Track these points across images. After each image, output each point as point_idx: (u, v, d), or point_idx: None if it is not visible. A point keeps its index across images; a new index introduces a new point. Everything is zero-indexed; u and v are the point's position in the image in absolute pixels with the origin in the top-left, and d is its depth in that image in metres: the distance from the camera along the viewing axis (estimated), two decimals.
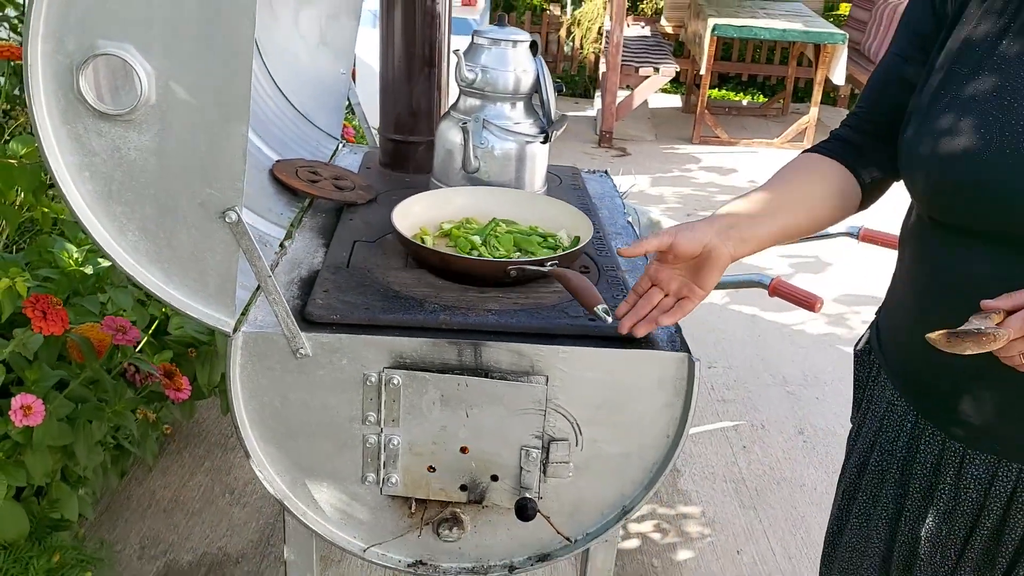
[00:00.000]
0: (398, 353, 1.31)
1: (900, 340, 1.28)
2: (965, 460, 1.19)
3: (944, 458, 1.22)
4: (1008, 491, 1.17)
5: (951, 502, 1.22)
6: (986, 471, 1.17)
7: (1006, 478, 1.16)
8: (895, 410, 1.29)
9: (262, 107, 1.96)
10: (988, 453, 1.17)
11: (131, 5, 1.10)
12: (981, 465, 1.18)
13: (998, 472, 1.17)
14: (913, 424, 1.26)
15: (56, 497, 1.75)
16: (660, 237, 1.19)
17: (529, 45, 1.73)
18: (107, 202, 1.20)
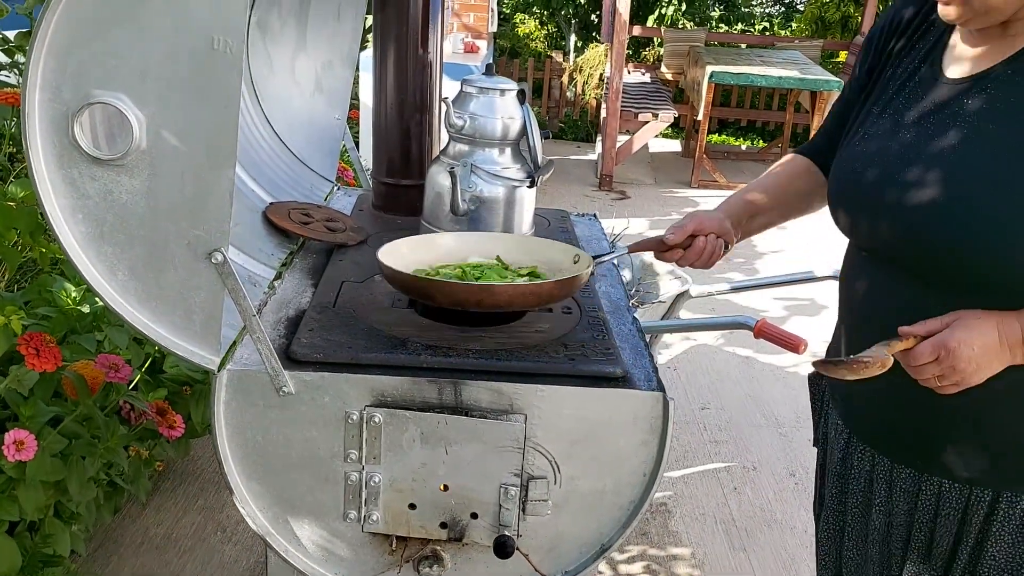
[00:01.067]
0: (379, 391, 1.34)
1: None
2: (893, 474, 1.28)
3: (876, 472, 1.31)
4: (933, 505, 1.25)
5: (888, 515, 1.30)
6: (912, 484, 1.26)
7: (929, 492, 1.25)
8: (836, 429, 1.39)
9: (258, 151, 2.01)
10: (911, 468, 1.26)
11: (126, 57, 1.15)
12: (908, 479, 1.27)
13: (921, 486, 1.25)
14: (846, 442, 1.36)
15: (49, 532, 1.77)
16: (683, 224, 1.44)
17: (516, 94, 1.79)
18: (98, 243, 1.24)
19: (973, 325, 1.09)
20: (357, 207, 2.12)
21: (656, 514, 2.82)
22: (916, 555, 1.28)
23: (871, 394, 1.28)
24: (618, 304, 1.69)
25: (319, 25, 2.17)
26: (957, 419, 1.20)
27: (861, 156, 1.26)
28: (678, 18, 9.57)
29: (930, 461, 1.25)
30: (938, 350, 1.09)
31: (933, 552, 1.27)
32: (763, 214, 1.51)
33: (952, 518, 1.25)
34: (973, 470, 1.22)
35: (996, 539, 1.23)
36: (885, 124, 1.25)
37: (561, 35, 10.11)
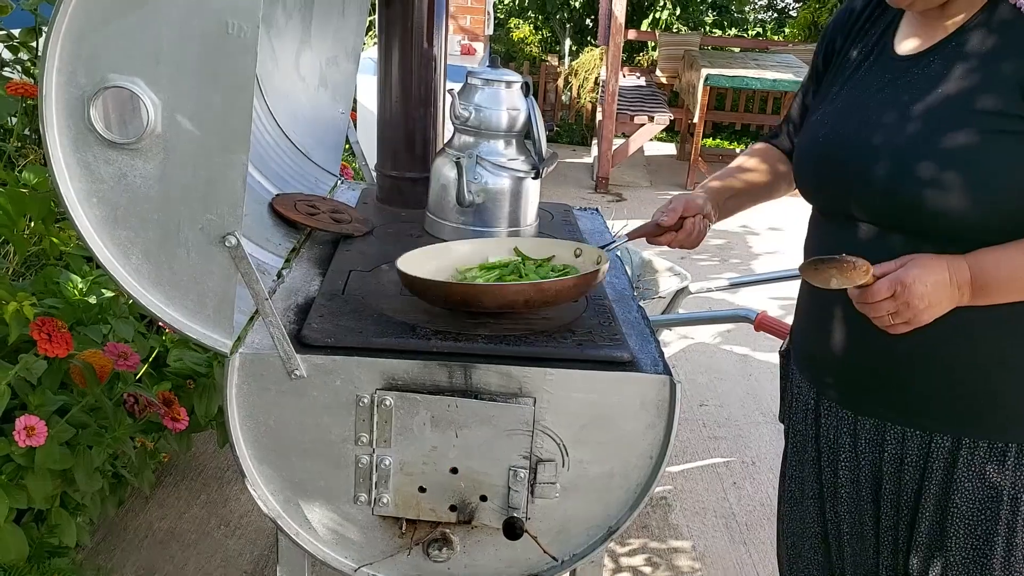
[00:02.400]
0: (390, 375, 1.35)
1: (799, 323, 1.52)
2: (857, 426, 1.37)
3: (840, 428, 1.40)
4: (898, 454, 1.33)
5: (855, 470, 1.39)
6: (876, 435, 1.35)
7: (894, 440, 1.33)
8: (802, 393, 1.48)
9: (263, 144, 2.03)
10: (873, 418, 1.35)
11: (140, 42, 1.17)
12: (871, 430, 1.35)
13: (885, 436, 1.34)
14: (816, 402, 1.45)
15: (55, 523, 1.78)
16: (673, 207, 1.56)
17: (521, 86, 1.81)
18: (112, 227, 1.25)
19: (926, 263, 1.19)
20: (361, 200, 2.14)
21: (656, 508, 2.83)
22: (887, 507, 1.37)
23: (833, 347, 1.38)
24: (623, 293, 1.71)
25: (324, 20, 2.18)
26: (914, 364, 1.29)
27: (822, 125, 1.39)
28: (672, 22, 9.62)
29: (890, 408, 1.34)
30: (894, 286, 1.18)
31: (901, 504, 1.35)
32: (736, 196, 1.63)
33: (916, 466, 1.33)
34: (931, 416, 1.31)
35: (959, 487, 1.30)
36: (844, 98, 1.38)
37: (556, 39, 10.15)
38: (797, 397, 1.51)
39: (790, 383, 1.58)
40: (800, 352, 1.52)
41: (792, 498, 1.55)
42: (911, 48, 1.34)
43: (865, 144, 1.30)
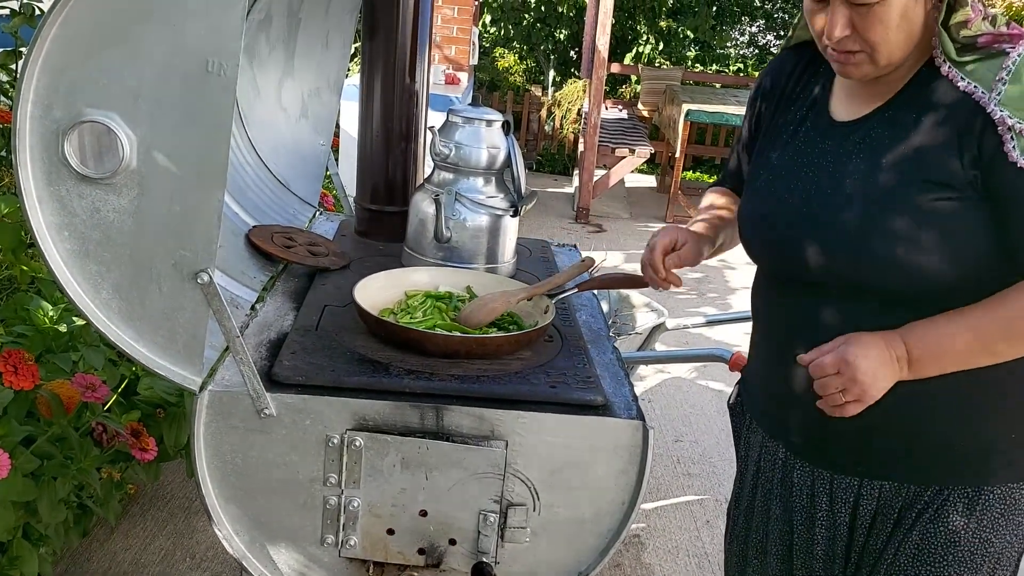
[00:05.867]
0: (361, 415, 1.34)
1: (755, 384, 1.53)
2: (834, 485, 1.37)
3: (816, 486, 1.40)
4: (872, 507, 1.35)
5: (831, 528, 1.39)
6: (853, 491, 1.36)
7: (869, 496, 1.35)
8: (768, 451, 1.48)
9: (242, 174, 2.02)
10: (852, 476, 1.35)
11: (119, 77, 1.16)
12: (848, 488, 1.36)
13: (862, 491, 1.35)
14: (784, 460, 1.45)
15: (17, 554, 1.74)
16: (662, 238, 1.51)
17: (501, 124, 1.82)
18: (83, 260, 1.24)
19: (863, 340, 1.22)
20: (339, 232, 2.13)
21: (629, 546, 2.82)
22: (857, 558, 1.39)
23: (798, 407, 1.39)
24: (599, 333, 1.71)
25: (307, 52, 2.19)
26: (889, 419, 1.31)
27: (768, 195, 1.40)
28: (655, 57, 9.73)
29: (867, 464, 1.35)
30: (838, 363, 1.20)
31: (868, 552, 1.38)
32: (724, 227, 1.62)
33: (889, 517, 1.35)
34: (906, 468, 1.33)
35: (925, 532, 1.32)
36: (786, 165, 1.39)
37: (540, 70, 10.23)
38: (763, 455, 1.50)
39: (748, 438, 1.56)
40: (761, 410, 1.52)
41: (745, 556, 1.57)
42: (849, 114, 1.34)
43: (811, 217, 1.31)
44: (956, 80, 1.22)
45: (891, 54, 1.23)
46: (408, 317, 1.57)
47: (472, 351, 1.46)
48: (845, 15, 1.22)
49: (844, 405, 1.22)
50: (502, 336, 1.50)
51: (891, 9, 1.19)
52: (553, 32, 9.77)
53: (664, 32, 9.78)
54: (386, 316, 1.54)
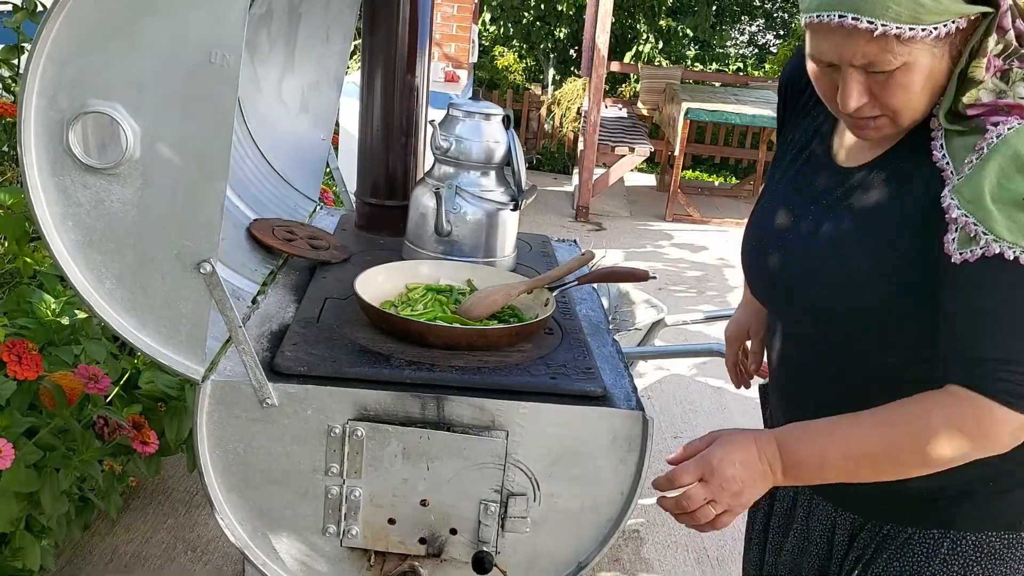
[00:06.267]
0: (362, 405, 1.35)
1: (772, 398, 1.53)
2: (813, 504, 1.34)
3: (798, 500, 1.37)
4: (847, 539, 1.29)
5: (803, 542, 1.37)
6: (828, 518, 1.30)
7: (843, 526, 1.29)
8: None
9: (243, 168, 2.03)
10: (829, 502, 1.30)
11: (123, 69, 1.17)
12: (824, 511, 1.31)
13: (837, 520, 1.30)
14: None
15: (19, 546, 1.75)
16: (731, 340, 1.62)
17: (502, 119, 1.82)
18: (87, 251, 1.25)
19: (732, 440, 1.15)
20: (340, 227, 2.14)
21: (628, 541, 2.83)
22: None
23: None
24: (598, 326, 1.71)
25: (307, 46, 2.20)
26: None
27: (758, 227, 1.34)
28: (655, 56, 9.74)
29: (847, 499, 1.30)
30: (700, 468, 1.14)
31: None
32: None
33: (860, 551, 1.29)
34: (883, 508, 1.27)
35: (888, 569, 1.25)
36: (780, 197, 1.32)
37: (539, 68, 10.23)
38: None
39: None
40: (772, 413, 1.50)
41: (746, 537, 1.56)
42: (847, 156, 1.25)
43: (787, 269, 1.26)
44: (935, 148, 1.11)
45: (915, 114, 1.11)
46: (409, 310, 1.58)
47: (473, 343, 1.47)
48: (861, 82, 1.08)
49: (714, 520, 1.14)
50: (502, 328, 1.51)
51: (913, 73, 1.05)
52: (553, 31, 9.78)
53: (664, 31, 9.79)
54: (387, 309, 1.55)
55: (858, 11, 1.01)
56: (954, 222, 1.04)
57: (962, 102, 1.06)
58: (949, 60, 1.06)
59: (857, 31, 1.02)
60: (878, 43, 1.02)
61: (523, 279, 1.67)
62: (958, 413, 1.05)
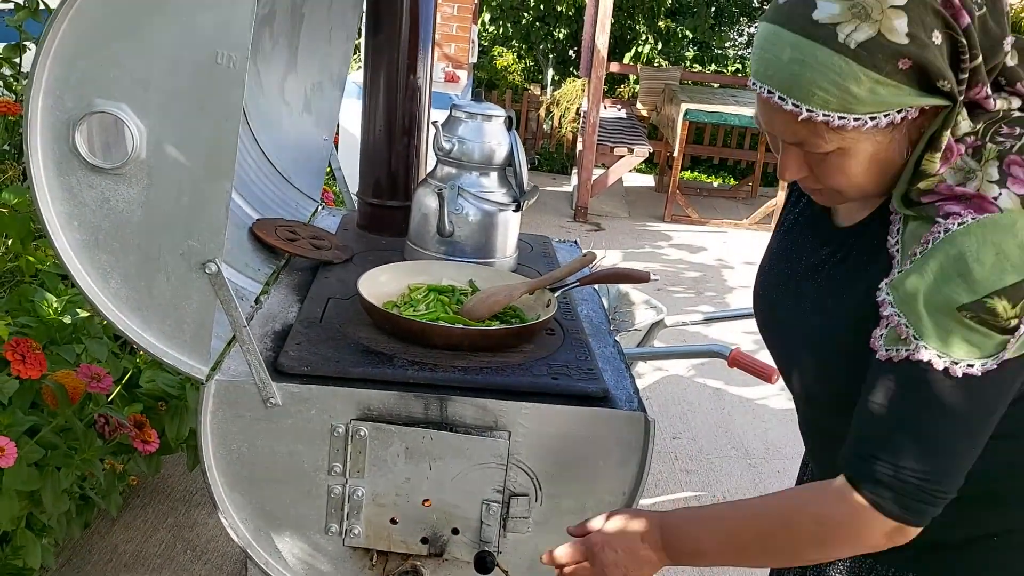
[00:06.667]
0: (366, 405, 1.35)
1: None
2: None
3: None
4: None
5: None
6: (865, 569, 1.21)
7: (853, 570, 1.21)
8: None
9: (245, 168, 2.03)
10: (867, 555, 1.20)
11: (130, 69, 1.18)
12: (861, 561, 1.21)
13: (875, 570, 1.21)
14: None
15: (20, 544, 1.75)
16: None
17: (504, 120, 1.83)
18: (93, 251, 1.25)
19: (620, 525, 1.12)
20: (342, 227, 2.14)
21: None
22: None
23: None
24: (599, 327, 1.72)
25: (310, 46, 2.20)
26: None
27: (762, 274, 1.29)
28: (654, 56, 9.74)
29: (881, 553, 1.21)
30: (583, 552, 1.13)
31: None
32: None
33: None
34: None
35: None
36: (781, 249, 1.25)
37: (539, 69, 10.23)
38: None
39: None
40: None
41: None
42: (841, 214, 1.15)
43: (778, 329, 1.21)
44: (891, 232, 1.03)
45: (866, 192, 1.04)
46: (411, 310, 1.58)
47: (475, 343, 1.48)
48: (798, 156, 1.03)
49: None
50: (505, 329, 1.52)
51: (850, 158, 0.99)
52: (552, 31, 9.77)
53: (663, 32, 9.79)
54: (390, 309, 1.56)
55: (785, 92, 0.96)
56: (885, 319, 0.98)
57: (916, 189, 0.98)
58: (907, 143, 0.98)
59: (785, 110, 0.97)
60: (807, 126, 0.97)
61: (525, 280, 1.68)
62: (829, 513, 1.02)
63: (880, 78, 0.92)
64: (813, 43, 0.92)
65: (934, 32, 0.91)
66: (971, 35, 0.93)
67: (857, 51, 0.91)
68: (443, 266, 1.75)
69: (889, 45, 0.91)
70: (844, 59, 0.91)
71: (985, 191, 0.94)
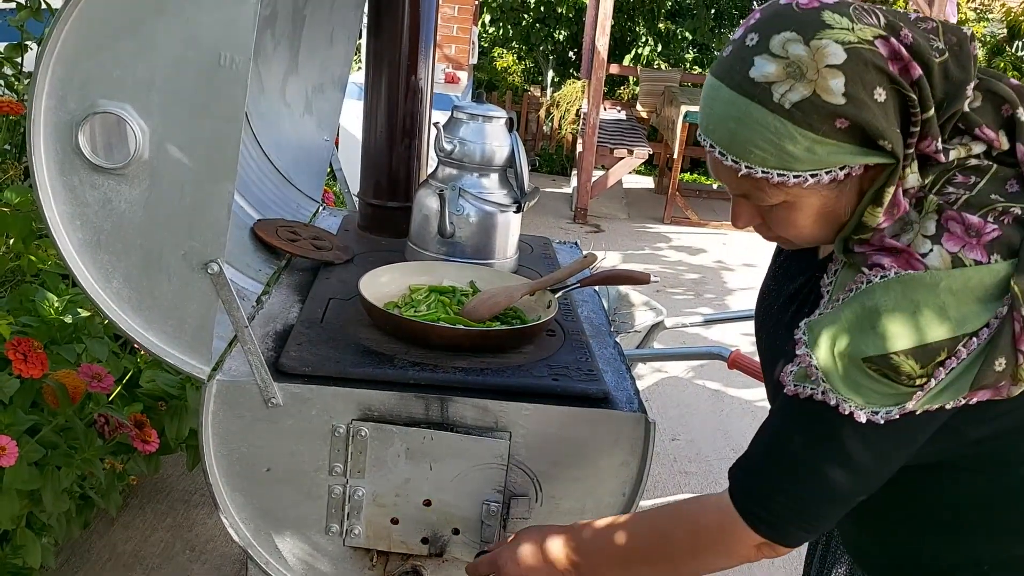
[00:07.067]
0: (366, 406, 1.36)
1: None
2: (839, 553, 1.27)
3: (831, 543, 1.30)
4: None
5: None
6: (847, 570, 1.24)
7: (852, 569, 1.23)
8: None
9: (246, 169, 2.04)
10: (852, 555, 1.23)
11: (133, 70, 1.18)
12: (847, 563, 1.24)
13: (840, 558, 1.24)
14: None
15: (20, 543, 1.75)
16: None
17: (505, 121, 1.83)
18: (95, 251, 1.26)
19: (522, 541, 1.19)
20: (343, 227, 2.14)
21: None
22: None
23: None
24: (600, 329, 1.73)
25: (311, 48, 2.20)
26: None
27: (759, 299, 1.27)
28: (654, 58, 9.75)
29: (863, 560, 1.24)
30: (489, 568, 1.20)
31: None
32: None
33: None
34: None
35: None
36: (772, 275, 1.25)
37: (539, 70, 10.25)
38: None
39: None
40: None
41: None
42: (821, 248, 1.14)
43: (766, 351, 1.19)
44: (828, 272, 1.04)
45: (816, 240, 1.04)
46: (412, 311, 1.58)
47: (476, 344, 1.48)
48: (749, 206, 1.03)
49: None
50: (505, 329, 1.52)
51: (796, 212, 0.98)
52: (552, 33, 9.79)
53: (663, 34, 9.80)
54: (390, 310, 1.56)
55: (725, 148, 0.96)
56: (798, 357, 0.98)
57: (852, 239, 0.98)
58: (856, 195, 0.97)
59: (727, 165, 0.96)
60: (749, 181, 0.96)
61: (526, 281, 1.68)
62: (704, 523, 1.06)
63: (817, 138, 0.90)
64: (749, 101, 0.92)
65: (876, 90, 0.89)
66: (923, 87, 0.91)
67: (792, 111, 0.90)
68: (444, 267, 1.75)
69: (825, 105, 0.89)
70: (779, 119, 0.90)
71: (916, 246, 0.93)
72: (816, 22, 0.90)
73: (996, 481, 1.04)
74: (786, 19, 0.91)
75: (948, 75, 0.93)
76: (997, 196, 0.93)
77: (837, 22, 0.90)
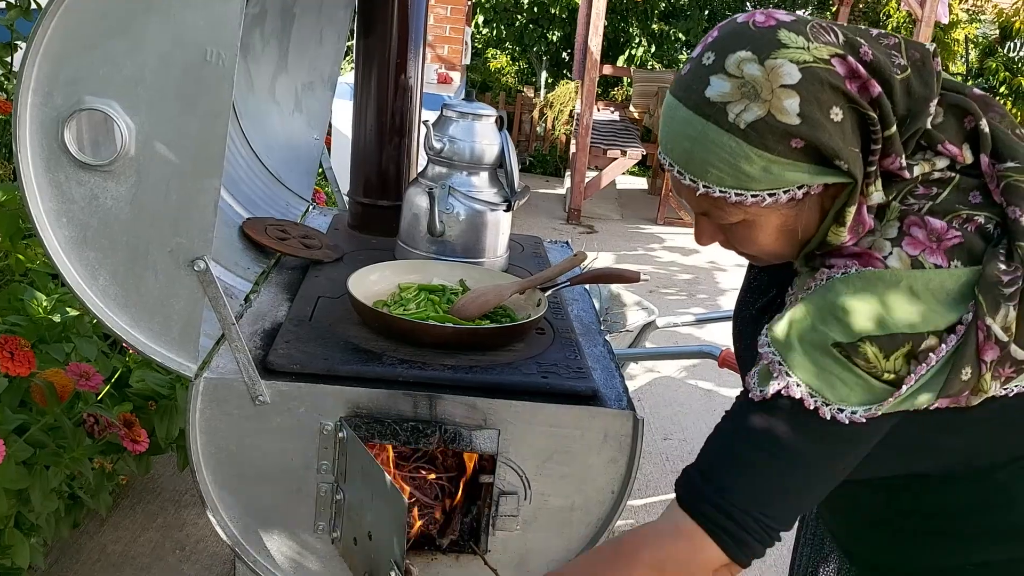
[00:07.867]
0: (355, 403, 1.35)
1: None
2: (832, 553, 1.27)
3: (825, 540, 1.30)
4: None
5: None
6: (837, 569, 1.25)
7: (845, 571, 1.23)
8: None
9: (235, 167, 2.03)
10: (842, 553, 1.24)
11: (119, 66, 1.18)
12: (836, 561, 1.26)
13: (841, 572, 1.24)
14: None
15: (8, 543, 1.74)
16: None
17: (495, 120, 1.83)
18: (81, 248, 1.25)
19: None
20: (332, 226, 2.14)
21: None
22: None
23: None
24: (589, 327, 1.73)
25: (301, 47, 2.20)
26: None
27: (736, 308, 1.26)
28: (647, 59, 9.77)
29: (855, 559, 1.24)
30: None
31: None
32: None
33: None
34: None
35: None
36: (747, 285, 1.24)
37: (532, 71, 10.26)
38: None
39: None
40: None
41: None
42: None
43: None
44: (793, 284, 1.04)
45: (780, 257, 1.03)
46: (401, 309, 1.58)
47: (465, 342, 1.48)
48: (710, 223, 1.02)
49: None
50: (494, 327, 1.52)
51: (756, 230, 0.98)
52: (545, 33, 9.80)
53: (656, 34, 9.83)
54: (380, 308, 1.56)
55: (683, 167, 0.95)
56: (760, 357, 0.97)
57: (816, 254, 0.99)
58: (818, 212, 0.96)
59: (685, 184, 0.96)
60: (709, 200, 0.96)
61: (515, 279, 1.68)
62: (669, 554, 1.00)
63: (773, 158, 0.90)
64: (705, 121, 0.91)
65: (832, 109, 0.89)
66: (883, 105, 0.90)
67: (747, 131, 0.89)
68: (434, 265, 1.75)
69: (779, 125, 0.89)
70: (734, 139, 0.90)
71: (877, 248, 0.93)
72: (771, 41, 0.89)
73: (972, 488, 1.04)
74: (742, 38, 0.91)
75: (911, 91, 0.92)
76: (961, 205, 0.93)
77: (793, 41, 0.89)
